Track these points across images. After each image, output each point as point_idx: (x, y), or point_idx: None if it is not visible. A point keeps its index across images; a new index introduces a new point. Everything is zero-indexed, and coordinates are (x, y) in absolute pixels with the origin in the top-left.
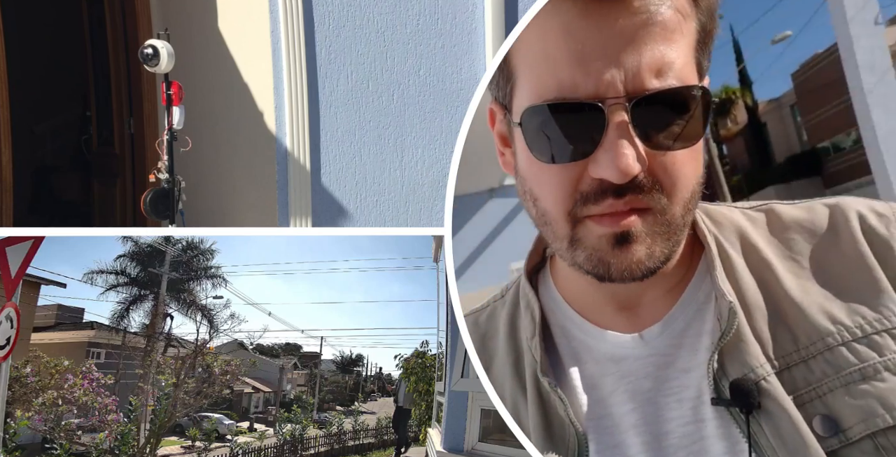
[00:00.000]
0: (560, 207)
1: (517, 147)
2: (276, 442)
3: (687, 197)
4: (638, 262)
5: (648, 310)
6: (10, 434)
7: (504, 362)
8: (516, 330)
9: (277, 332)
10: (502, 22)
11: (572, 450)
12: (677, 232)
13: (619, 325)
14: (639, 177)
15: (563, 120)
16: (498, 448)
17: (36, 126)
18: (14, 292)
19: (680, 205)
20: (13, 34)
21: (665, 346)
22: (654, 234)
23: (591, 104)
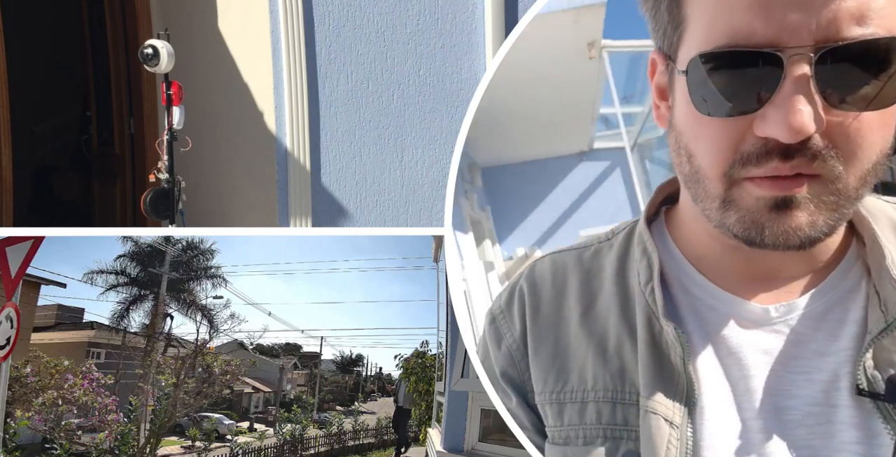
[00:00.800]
0: (717, 167)
1: (677, 99)
2: (276, 442)
3: (867, 168)
4: (797, 228)
5: (785, 286)
6: (10, 434)
7: (610, 302)
8: (626, 273)
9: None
10: (502, 22)
11: (680, 395)
12: (847, 204)
13: (749, 294)
14: (812, 139)
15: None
16: (498, 448)
17: (36, 126)
18: (14, 292)
19: (856, 176)
20: (13, 34)
21: (801, 325)
22: (820, 202)
23: (768, 53)
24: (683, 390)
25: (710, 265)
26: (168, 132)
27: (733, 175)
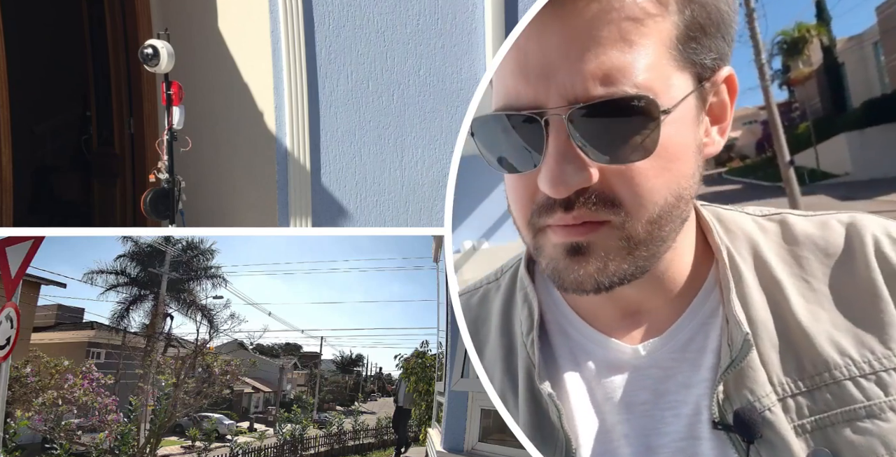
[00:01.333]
0: (522, 216)
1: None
2: (276, 442)
3: (654, 212)
4: (587, 275)
5: (650, 319)
6: (10, 434)
7: (495, 354)
8: (510, 321)
9: (277, 332)
10: (502, 22)
11: (560, 451)
12: (643, 248)
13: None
14: (588, 191)
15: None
16: (498, 448)
17: (36, 126)
18: (14, 292)
19: (644, 220)
20: (13, 34)
21: (666, 359)
22: (610, 248)
23: (530, 116)
24: (563, 447)
25: (585, 306)
26: (168, 132)
27: (536, 224)
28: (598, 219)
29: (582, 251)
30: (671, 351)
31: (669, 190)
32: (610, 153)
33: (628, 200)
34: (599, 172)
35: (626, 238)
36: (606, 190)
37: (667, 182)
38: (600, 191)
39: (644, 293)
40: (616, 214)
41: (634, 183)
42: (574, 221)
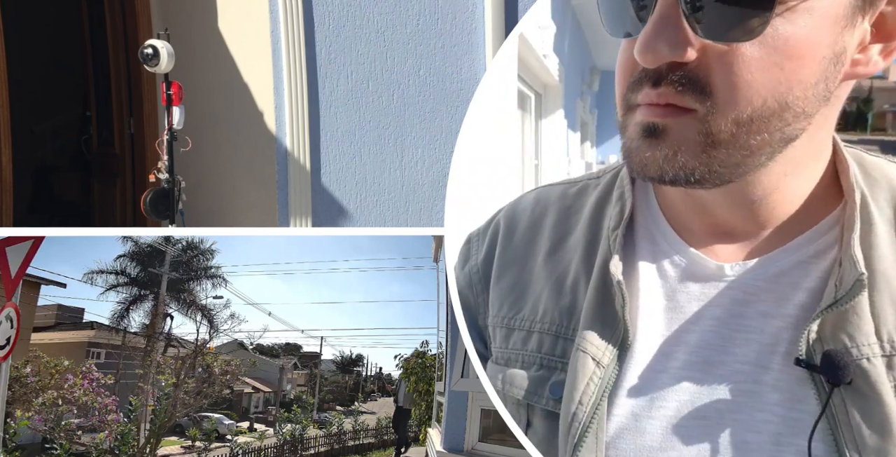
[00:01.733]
0: (619, 92)
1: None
2: (276, 442)
3: (745, 112)
4: (653, 160)
5: (745, 244)
6: (10, 434)
7: (579, 242)
8: (602, 214)
9: (277, 332)
10: (502, 22)
11: (615, 340)
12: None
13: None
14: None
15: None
16: (498, 448)
17: (36, 126)
18: (14, 292)
19: (732, 119)
20: (13, 34)
21: (751, 285)
22: (685, 140)
23: None
24: (619, 337)
25: (679, 219)
26: (168, 132)
27: (627, 100)
28: (682, 104)
29: (656, 134)
30: (757, 278)
31: (773, 92)
32: (713, 27)
33: (720, 90)
34: (700, 53)
35: (705, 133)
36: (701, 73)
37: (772, 81)
38: (693, 72)
39: (736, 215)
40: (702, 103)
41: (732, 70)
42: (658, 100)
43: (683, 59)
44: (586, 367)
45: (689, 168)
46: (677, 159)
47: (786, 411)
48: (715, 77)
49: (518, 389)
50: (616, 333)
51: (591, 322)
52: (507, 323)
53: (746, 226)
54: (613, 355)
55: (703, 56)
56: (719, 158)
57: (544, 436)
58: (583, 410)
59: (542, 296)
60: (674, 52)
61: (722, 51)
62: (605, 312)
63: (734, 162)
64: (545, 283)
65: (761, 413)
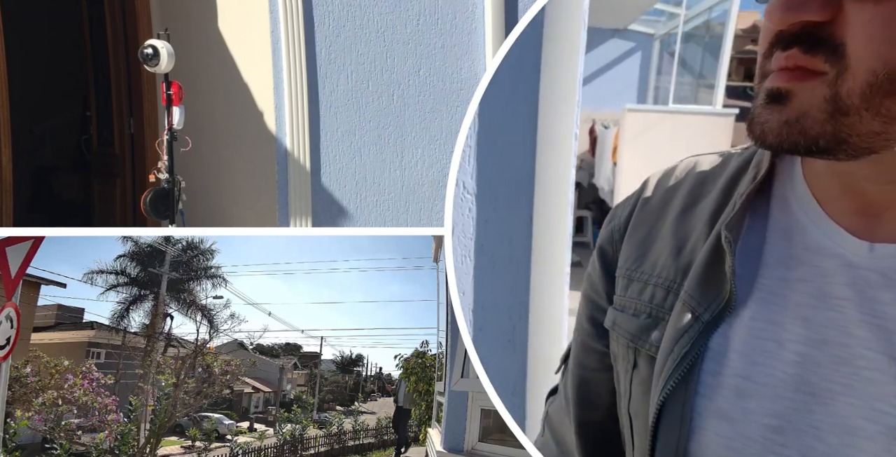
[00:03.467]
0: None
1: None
2: (276, 442)
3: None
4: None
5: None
6: (10, 434)
7: (709, 205)
8: (737, 182)
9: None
10: (502, 22)
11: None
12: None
13: (854, 227)
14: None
15: None
16: (498, 448)
17: (36, 126)
18: (14, 292)
19: (862, 80)
20: (13, 34)
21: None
22: (811, 105)
23: None
24: (724, 297)
25: (825, 193)
26: (168, 132)
27: (763, 68)
28: (812, 66)
29: (780, 99)
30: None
31: None
32: None
33: (854, 50)
34: (833, 11)
35: (833, 98)
36: (837, 32)
37: None
38: (826, 31)
39: (888, 194)
40: (834, 66)
41: (870, 28)
42: (787, 63)
43: (816, 17)
44: (684, 319)
45: (811, 135)
46: (800, 126)
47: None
48: (850, 36)
49: (626, 332)
50: (721, 293)
51: (700, 278)
52: (629, 274)
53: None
54: (714, 313)
55: (840, 13)
56: (850, 126)
57: (645, 376)
58: (673, 359)
59: (662, 253)
60: (806, 9)
61: (860, 6)
62: (715, 271)
63: (872, 130)
64: (668, 241)
65: (881, 403)
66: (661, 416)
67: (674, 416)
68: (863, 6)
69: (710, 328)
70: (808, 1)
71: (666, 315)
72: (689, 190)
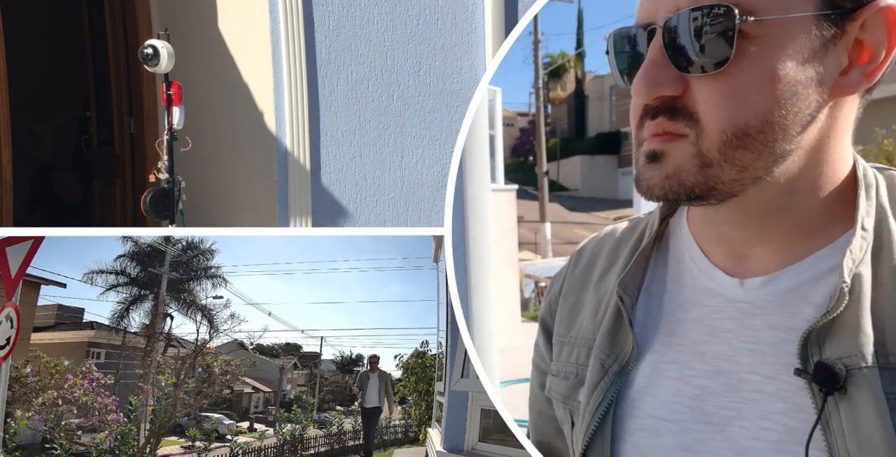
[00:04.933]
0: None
1: None
2: (276, 442)
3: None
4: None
5: (760, 261)
6: (10, 434)
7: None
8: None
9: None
10: (502, 22)
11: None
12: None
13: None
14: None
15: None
16: (498, 448)
17: (36, 126)
18: (14, 292)
19: (718, 139)
20: (13, 34)
21: (762, 299)
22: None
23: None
24: (629, 348)
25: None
26: (168, 132)
27: (638, 137)
28: (675, 130)
29: (657, 159)
30: (769, 294)
31: (754, 112)
32: (690, 60)
33: (704, 115)
34: (685, 85)
35: (698, 155)
36: (688, 102)
37: (751, 103)
38: (681, 102)
39: (748, 232)
40: (692, 129)
41: (714, 98)
42: (656, 130)
43: (671, 92)
44: (596, 372)
45: (687, 185)
46: (677, 178)
47: (788, 420)
48: (699, 104)
49: (560, 395)
50: (626, 345)
51: (607, 333)
52: (561, 340)
53: (761, 244)
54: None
55: (689, 88)
56: (715, 175)
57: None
58: (590, 411)
59: (586, 316)
60: (662, 87)
61: (703, 82)
62: (619, 325)
63: (731, 178)
64: (590, 304)
65: (764, 421)
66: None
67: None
68: (704, 82)
69: (619, 378)
70: (663, 80)
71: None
72: (606, 256)
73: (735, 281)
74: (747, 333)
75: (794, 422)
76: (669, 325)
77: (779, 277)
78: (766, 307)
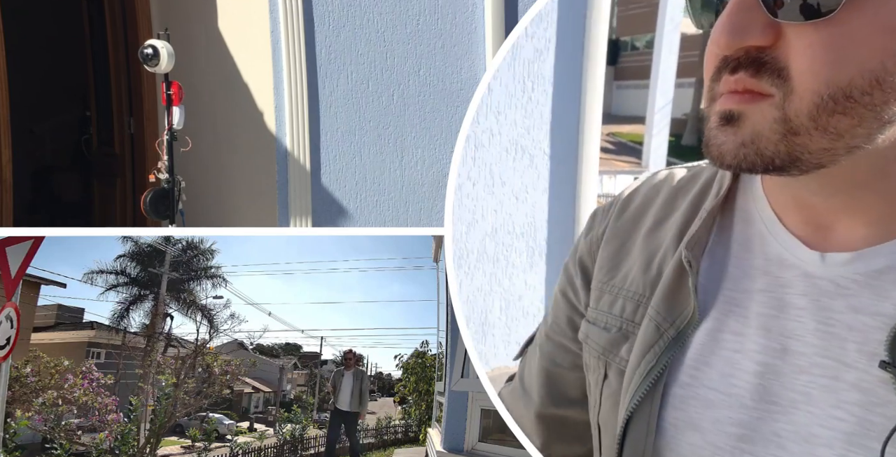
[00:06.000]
0: (706, 83)
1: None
2: (276, 442)
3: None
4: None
5: (846, 235)
6: (10, 434)
7: (677, 220)
8: (705, 196)
9: (277, 332)
10: (502, 22)
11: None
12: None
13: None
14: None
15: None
16: (498, 448)
17: (36, 126)
18: (14, 292)
19: (810, 101)
20: (13, 34)
21: (847, 278)
22: (762, 126)
23: None
24: (689, 313)
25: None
26: (168, 132)
27: (711, 91)
28: (759, 89)
29: (732, 121)
30: (856, 272)
31: (861, 69)
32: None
33: (798, 73)
34: (777, 35)
35: (783, 120)
36: (780, 56)
37: (859, 57)
38: (771, 55)
39: (835, 203)
40: (780, 88)
41: (811, 52)
42: (736, 86)
43: (759, 42)
44: (651, 334)
45: (766, 155)
46: (754, 146)
47: (864, 412)
48: (793, 59)
49: (598, 345)
50: (686, 309)
51: (665, 294)
52: (601, 286)
53: (850, 220)
54: (679, 328)
55: (782, 39)
56: (802, 144)
57: (615, 389)
58: (640, 374)
59: (633, 267)
60: (749, 35)
61: (800, 31)
62: (679, 287)
63: (821, 147)
64: (639, 256)
65: (837, 410)
66: (628, 429)
67: (640, 429)
68: (802, 32)
69: (675, 343)
70: (750, 27)
71: (636, 329)
72: (662, 204)
73: (815, 254)
74: (824, 314)
75: (872, 416)
76: (731, 292)
77: (868, 254)
78: (852, 288)
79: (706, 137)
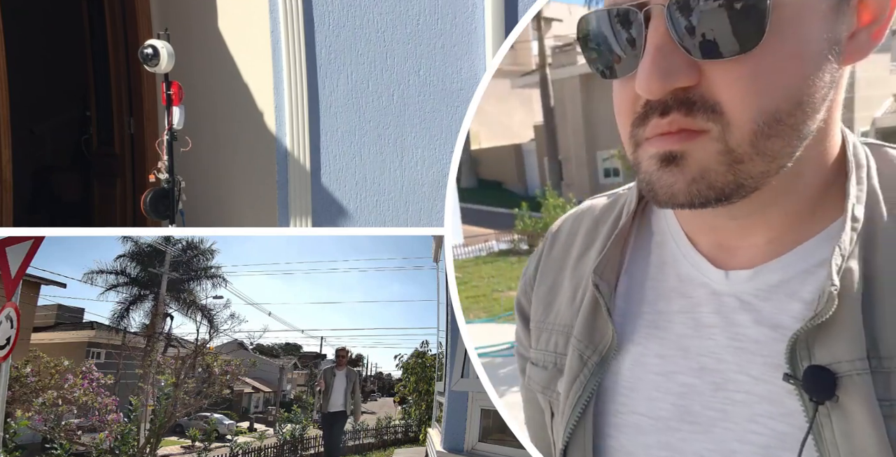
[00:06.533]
0: (624, 130)
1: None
2: (276, 442)
3: (761, 120)
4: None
5: (748, 253)
6: (10, 434)
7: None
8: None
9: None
10: (502, 22)
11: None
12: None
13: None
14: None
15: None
16: (498, 448)
17: (36, 126)
18: (14, 292)
19: (746, 129)
20: (13, 34)
21: (749, 294)
22: (707, 161)
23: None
24: (608, 340)
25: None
26: (168, 132)
27: (636, 137)
28: (695, 127)
29: (675, 161)
30: (756, 288)
31: (784, 94)
32: (709, 46)
33: (730, 106)
34: (700, 73)
35: (726, 152)
36: (706, 93)
37: (781, 84)
38: (699, 94)
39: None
40: (715, 123)
41: (741, 83)
42: (670, 128)
43: (686, 83)
44: (575, 364)
45: (718, 187)
46: (704, 181)
47: (776, 424)
48: (721, 93)
49: (538, 385)
50: (605, 336)
51: (585, 322)
52: (539, 326)
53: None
54: (601, 355)
55: (706, 76)
56: (745, 171)
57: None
58: (570, 404)
59: (563, 300)
60: (676, 78)
61: (723, 67)
62: (598, 314)
63: (760, 171)
64: (567, 288)
65: (752, 424)
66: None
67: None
68: (725, 67)
69: (599, 370)
70: (675, 70)
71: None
72: (584, 235)
73: (720, 272)
74: (733, 330)
75: (783, 426)
76: (652, 316)
77: (765, 270)
78: (753, 302)
79: (647, 181)
